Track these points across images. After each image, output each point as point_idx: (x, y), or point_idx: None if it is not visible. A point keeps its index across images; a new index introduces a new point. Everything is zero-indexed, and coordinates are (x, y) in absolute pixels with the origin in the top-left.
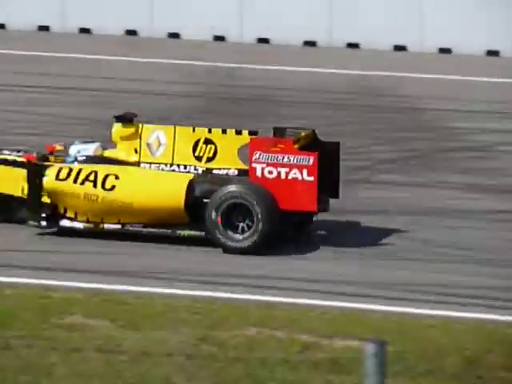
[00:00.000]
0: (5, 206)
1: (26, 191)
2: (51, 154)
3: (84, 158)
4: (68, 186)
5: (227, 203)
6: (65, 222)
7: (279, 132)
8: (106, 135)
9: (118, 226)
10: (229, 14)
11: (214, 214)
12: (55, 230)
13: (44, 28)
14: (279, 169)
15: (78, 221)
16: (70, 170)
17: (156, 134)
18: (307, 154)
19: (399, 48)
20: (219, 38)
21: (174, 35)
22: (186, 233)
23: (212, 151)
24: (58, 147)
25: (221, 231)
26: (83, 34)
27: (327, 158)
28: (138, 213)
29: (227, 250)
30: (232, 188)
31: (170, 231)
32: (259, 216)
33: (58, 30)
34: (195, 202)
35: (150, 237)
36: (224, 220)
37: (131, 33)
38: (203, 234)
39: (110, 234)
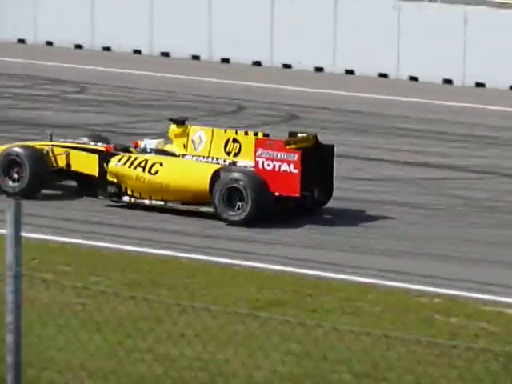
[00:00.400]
0: (85, 182)
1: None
2: (135, 147)
3: (149, 150)
4: (125, 169)
5: (227, 185)
6: (126, 198)
7: (292, 135)
8: None
9: (162, 203)
10: None
11: (218, 194)
12: (123, 204)
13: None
14: (274, 162)
15: (135, 197)
16: (129, 158)
17: (199, 134)
18: (293, 152)
19: None
20: None
21: None
22: (205, 209)
23: (238, 148)
24: (140, 142)
25: (222, 208)
26: None
27: (323, 157)
28: (175, 193)
29: (226, 222)
30: (233, 175)
31: (195, 207)
32: (249, 198)
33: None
34: None
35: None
36: (225, 199)
37: None
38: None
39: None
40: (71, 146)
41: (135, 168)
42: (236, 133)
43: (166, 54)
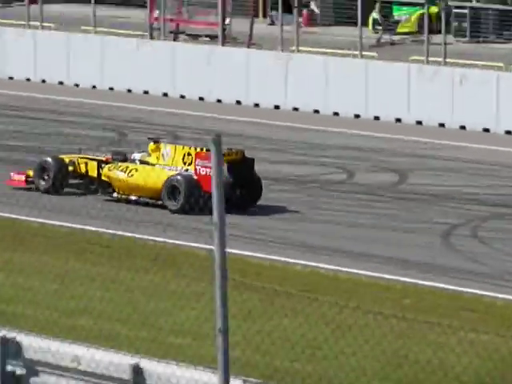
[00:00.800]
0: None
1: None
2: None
3: (136, 160)
4: (113, 173)
5: (170, 184)
6: (115, 195)
7: (228, 150)
8: None
9: (136, 198)
10: None
11: (164, 190)
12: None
13: None
14: (206, 169)
15: (120, 194)
16: (117, 165)
17: (167, 150)
18: None
19: None
20: None
21: None
22: (160, 202)
23: (191, 159)
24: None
25: (166, 200)
26: None
27: (248, 167)
28: (145, 191)
29: (170, 211)
30: (175, 177)
31: (154, 201)
32: (183, 193)
33: None
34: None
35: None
36: (169, 194)
37: None
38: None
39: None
40: (89, 158)
41: (119, 172)
42: (190, 148)
43: None
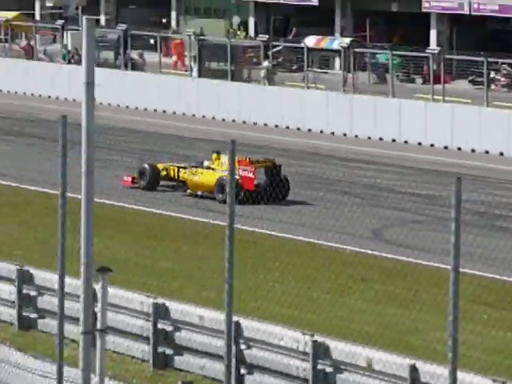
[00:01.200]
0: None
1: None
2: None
3: (204, 166)
4: (187, 175)
5: (219, 183)
6: (188, 191)
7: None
8: None
9: (201, 193)
10: None
11: (216, 188)
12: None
13: None
14: (245, 172)
15: (191, 191)
16: (189, 170)
17: (224, 159)
18: (251, 167)
19: None
20: None
21: None
22: (216, 196)
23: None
24: (207, 163)
25: (216, 194)
26: None
27: (278, 171)
28: (205, 188)
29: (221, 202)
30: (223, 178)
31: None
32: (227, 189)
33: None
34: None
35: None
36: (218, 190)
37: None
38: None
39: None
40: (177, 166)
41: (191, 175)
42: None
43: None
